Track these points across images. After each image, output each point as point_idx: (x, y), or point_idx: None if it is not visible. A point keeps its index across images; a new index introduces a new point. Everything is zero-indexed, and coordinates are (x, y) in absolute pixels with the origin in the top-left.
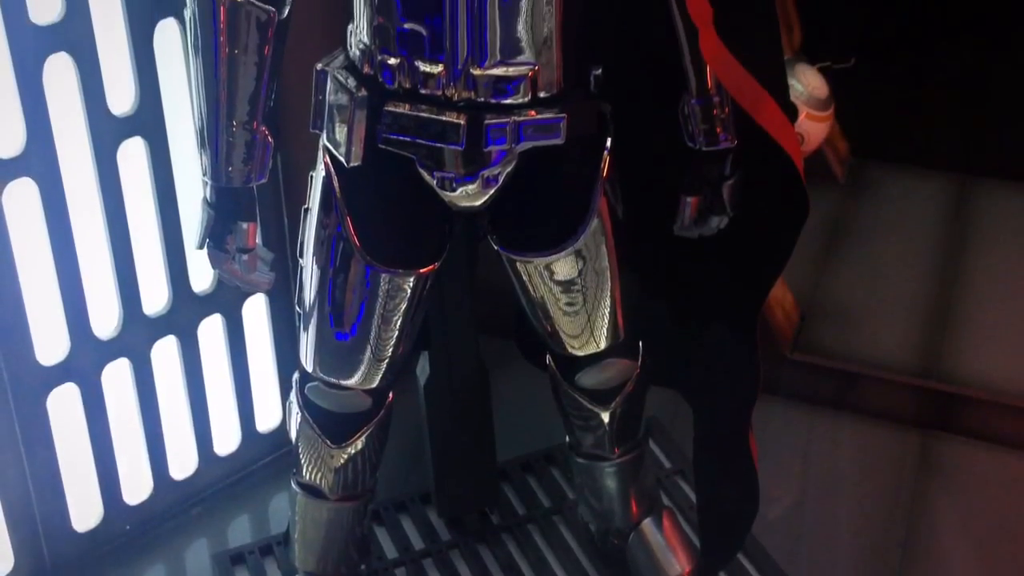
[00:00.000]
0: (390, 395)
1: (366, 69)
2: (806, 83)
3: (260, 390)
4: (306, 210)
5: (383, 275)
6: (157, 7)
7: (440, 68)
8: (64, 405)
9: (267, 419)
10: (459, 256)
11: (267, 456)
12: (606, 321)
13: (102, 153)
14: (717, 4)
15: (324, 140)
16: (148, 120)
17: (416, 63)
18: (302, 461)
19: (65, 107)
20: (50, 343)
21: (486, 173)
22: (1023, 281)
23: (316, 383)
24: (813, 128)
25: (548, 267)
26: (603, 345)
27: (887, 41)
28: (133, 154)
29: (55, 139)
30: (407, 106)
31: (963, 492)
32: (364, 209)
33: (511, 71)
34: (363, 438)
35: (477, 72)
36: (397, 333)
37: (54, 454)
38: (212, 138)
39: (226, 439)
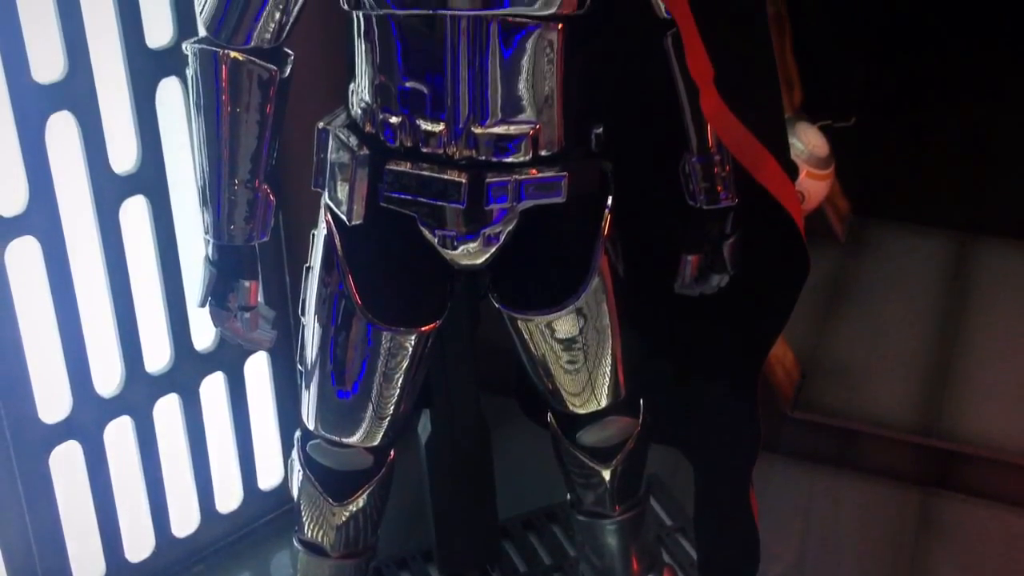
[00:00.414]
0: (391, 453)
1: (368, 128)
2: (807, 141)
3: (262, 448)
4: (308, 268)
5: (385, 333)
6: (159, 66)
7: (441, 126)
8: (66, 462)
9: (269, 477)
10: (460, 314)
11: (269, 514)
12: (607, 379)
13: (104, 211)
14: (718, 63)
15: (326, 198)
16: (150, 178)
17: (418, 121)
18: (304, 518)
19: (67, 165)
20: (52, 401)
21: (487, 231)
22: (1023, 339)
23: (318, 441)
24: (814, 186)
25: (549, 325)
26: (604, 403)
27: (887, 100)
28: (135, 212)
29: (57, 197)
30: (408, 164)
31: (964, 549)
32: (366, 267)
33: (512, 129)
34: (365, 496)
35: (478, 130)
36: (399, 391)
37: (56, 511)
38: (214, 196)
39: (228, 496)
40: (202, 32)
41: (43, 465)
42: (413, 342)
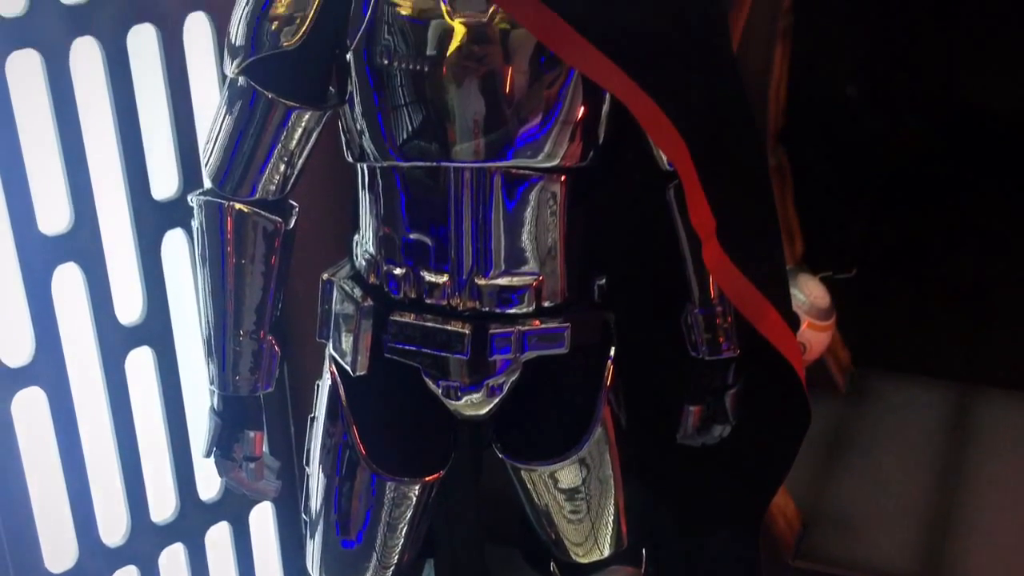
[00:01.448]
0: None
1: (372, 279)
2: (808, 293)
3: None
4: (312, 419)
5: (389, 483)
6: (165, 217)
7: (445, 278)
8: None
9: None
10: (464, 464)
11: None
12: (610, 529)
13: (110, 362)
14: (720, 214)
15: (330, 349)
16: (155, 329)
17: (421, 273)
18: None
19: (74, 316)
20: (58, 551)
21: (491, 382)
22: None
23: None
24: (815, 337)
25: (552, 475)
26: (607, 552)
27: (888, 251)
28: (141, 363)
29: (63, 348)
30: (412, 316)
31: None
32: (370, 418)
33: (515, 281)
34: None
35: (482, 282)
36: (403, 540)
37: None
38: (219, 347)
39: None
40: (207, 184)
41: None
42: (417, 492)
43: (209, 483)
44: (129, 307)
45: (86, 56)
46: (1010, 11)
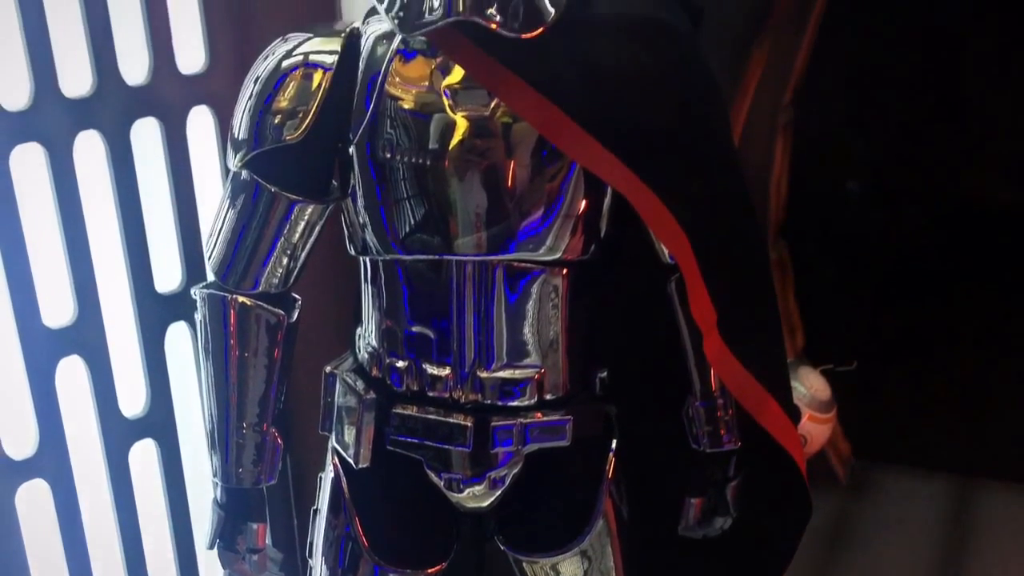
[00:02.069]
0: None
1: (374, 372)
2: (809, 385)
3: None
4: (315, 511)
5: (391, 575)
6: (168, 311)
7: (447, 371)
8: None
9: None
10: (467, 556)
11: None
12: None
13: (114, 454)
14: (721, 307)
15: (333, 442)
16: (159, 422)
17: (424, 366)
18: None
19: (77, 409)
20: None
21: (493, 475)
22: None
23: None
24: (816, 430)
25: (554, 567)
26: None
27: (888, 344)
28: (144, 455)
29: (67, 441)
30: (415, 408)
31: None
32: (373, 510)
33: (517, 374)
34: None
35: (484, 375)
36: None
37: None
38: (222, 440)
39: None
40: (210, 277)
41: None
42: None
43: (212, 574)
44: (132, 399)
45: (90, 149)
46: (1009, 105)
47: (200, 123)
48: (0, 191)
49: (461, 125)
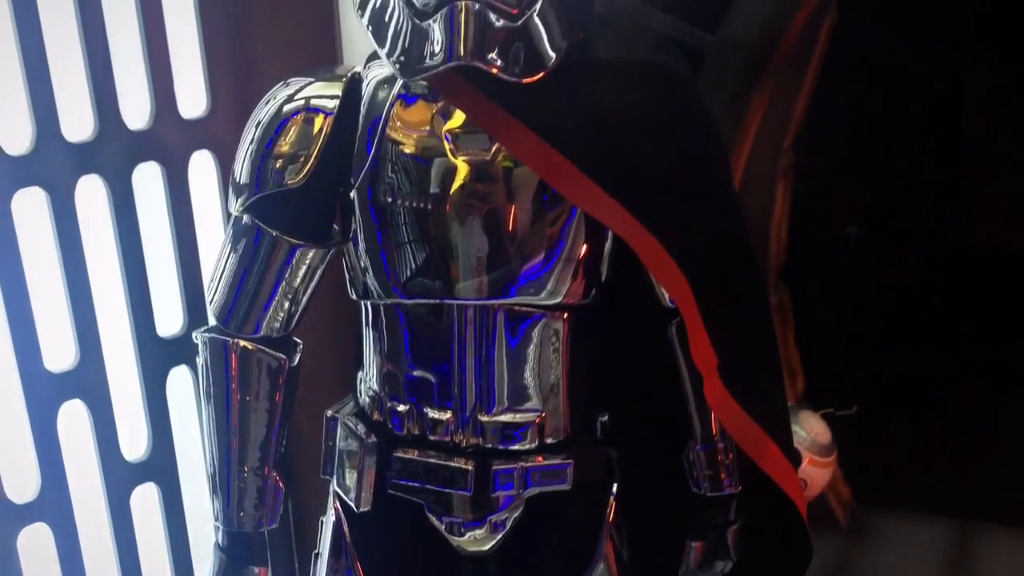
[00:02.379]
0: None
1: (376, 416)
2: (809, 429)
3: None
4: (316, 555)
5: None
6: (169, 355)
7: (449, 414)
8: None
9: None
10: None
11: None
12: None
13: (115, 498)
14: (722, 351)
15: (334, 485)
16: (160, 466)
17: (425, 410)
18: None
19: (79, 453)
20: None
21: (494, 518)
22: None
23: None
24: (816, 473)
25: None
26: None
27: (888, 388)
28: (146, 499)
29: (69, 485)
30: (416, 452)
31: None
32: (374, 554)
33: (518, 418)
34: None
35: (485, 418)
36: None
37: None
38: (224, 483)
39: None
40: (212, 321)
41: None
42: None
43: None
44: (134, 443)
45: (91, 193)
46: (1009, 149)
47: (201, 167)
48: (2, 235)
49: (462, 169)
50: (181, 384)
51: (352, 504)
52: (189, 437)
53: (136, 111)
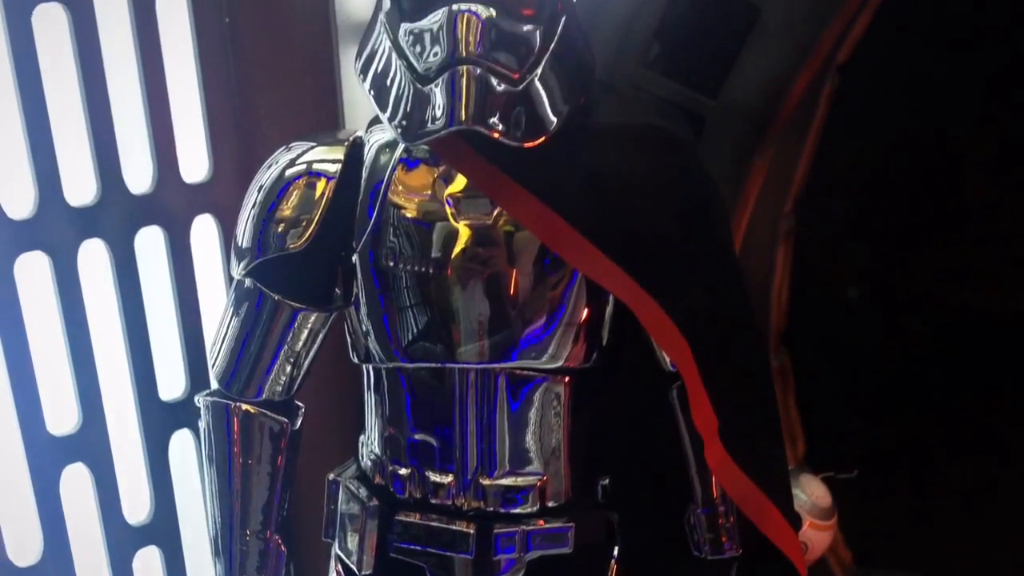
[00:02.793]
0: None
1: (377, 479)
2: (810, 492)
3: None
4: None
5: None
6: (172, 418)
7: (450, 478)
8: None
9: None
10: None
11: None
12: None
13: (118, 561)
14: (723, 415)
15: (336, 549)
16: (163, 529)
17: (427, 473)
18: None
19: (82, 516)
20: None
21: None
22: None
23: None
24: (817, 537)
25: None
26: None
27: (889, 452)
28: (148, 562)
29: (71, 548)
30: (417, 516)
31: None
32: None
33: (520, 481)
34: None
35: (486, 482)
36: None
37: None
38: (226, 547)
39: None
40: (214, 385)
41: None
42: None
43: None
44: (137, 506)
45: (94, 258)
46: (1010, 214)
47: (204, 231)
48: (5, 299)
49: (464, 233)
50: (184, 447)
51: (354, 567)
52: (191, 500)
53: (138, 175)
